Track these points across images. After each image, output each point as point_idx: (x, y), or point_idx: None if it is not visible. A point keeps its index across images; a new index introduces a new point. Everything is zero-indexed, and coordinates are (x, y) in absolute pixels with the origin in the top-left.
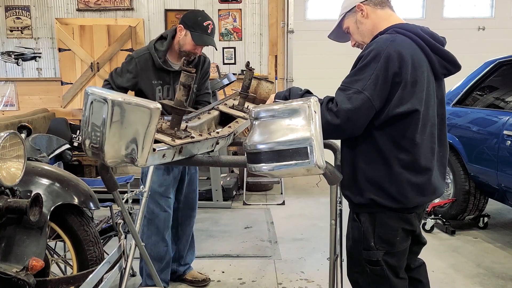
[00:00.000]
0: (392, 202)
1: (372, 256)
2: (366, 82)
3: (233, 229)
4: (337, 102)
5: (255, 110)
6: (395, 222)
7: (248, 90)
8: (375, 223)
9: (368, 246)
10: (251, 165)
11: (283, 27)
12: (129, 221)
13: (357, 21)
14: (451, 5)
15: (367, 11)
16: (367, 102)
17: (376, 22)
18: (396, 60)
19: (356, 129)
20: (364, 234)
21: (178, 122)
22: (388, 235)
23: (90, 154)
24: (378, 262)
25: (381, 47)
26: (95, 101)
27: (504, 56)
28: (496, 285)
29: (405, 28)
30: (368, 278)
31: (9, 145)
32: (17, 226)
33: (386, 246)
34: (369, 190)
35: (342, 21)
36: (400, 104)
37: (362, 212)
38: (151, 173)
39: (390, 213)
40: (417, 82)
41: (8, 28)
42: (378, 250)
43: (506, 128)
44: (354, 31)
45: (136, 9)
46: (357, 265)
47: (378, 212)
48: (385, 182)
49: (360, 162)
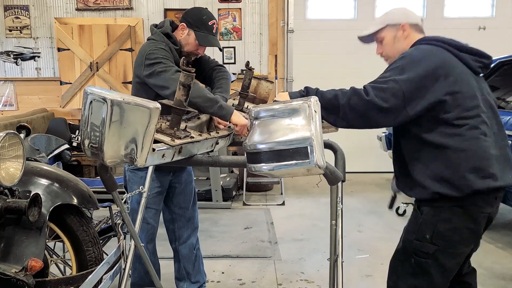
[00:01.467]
0: (457, 191)
1: (423, 247)
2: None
3: (232, 230)
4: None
5: (255, 110)
6: (461, 221)
7: (248, 89)
8: (438, 217)
9: (421, 238)
10: (251, 165)
11: (283, 27)
12: (128, 222)
13: (396, 37)
14: (452, 4)
15: (408, 32)
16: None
17: (411, 44)
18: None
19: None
20: (420, 224)
21: (178, 122)
22: (449, 232)
23: (89, 154)
24: (427, 254)
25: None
26: (94, 101)
27: (504, 55)
28: (497, 285)
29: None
30: (408, 269)
31: (8, 145)
32: (16, 226)
33: (444, 243)
34: (431, 184)
35: (381, 30)
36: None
37: (425, 206)
38: (150, 173)
39: (456, 210)
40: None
41: (7, 28)
42: (433, 244)
43: (506, 128)
44: (388, 44)
45: (135, 9)
46: (403, 253)
47: (445, 207)
48: (445, 171)
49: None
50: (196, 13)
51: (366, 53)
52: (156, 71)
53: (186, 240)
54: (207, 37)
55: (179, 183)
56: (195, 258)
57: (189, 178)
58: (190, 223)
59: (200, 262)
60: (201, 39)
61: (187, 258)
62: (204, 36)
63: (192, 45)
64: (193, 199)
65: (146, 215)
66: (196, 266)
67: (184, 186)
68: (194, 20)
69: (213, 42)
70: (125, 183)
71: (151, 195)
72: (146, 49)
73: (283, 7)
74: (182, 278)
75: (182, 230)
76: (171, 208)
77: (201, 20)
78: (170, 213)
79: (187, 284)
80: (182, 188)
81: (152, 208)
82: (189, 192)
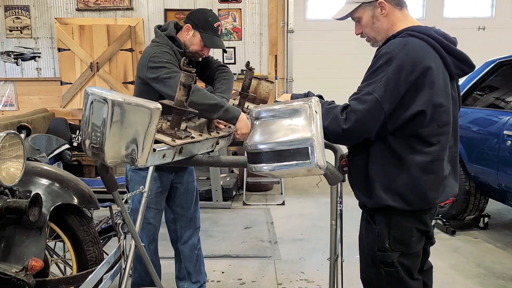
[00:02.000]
0: (410, 205)
1: (387, 257)
2: (377, 84)
3: (233, 229)
4: (350, 106)
5: (256, 110)
6: (410, 223)
7: (248, 90)
8: (390, 225)
9: (383, 248)
10: (252, 165)
11: (283, 27)
12: (128, 222)
13: (374, 16)
14: (451, 5)
15: (388, 10)
16: (376, 104)
17: (393, 23)
18: (408, 64)
19: (365, 132)
20: (378, 235)
21: (178, 122)
22: (403, 236)
23: (90, 154)
24: (393, 263)
25: (394, 51)
26: (95, 101)
27: (504, 56)
28: (497, 285)
29: (418, 31)
30: (383, 280)
31: (9, 145)
32: (16, 226)
33: (402, 248)
34: (386, 197)
35: (356, 10)
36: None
37: (376, 214)
38: (150, 173)
39: (405, 215)
40: (433, 83)
41: (8, 28)
42: (394, 251)
43: (506, 128)
44: (367, 24)
45: (135, 9)
46: (372, 266)
47: (394, 214)
48: (403, 188)
49: (375, 168)
50: (202, 15)
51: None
52: (161, 77)
53: (188, 240)
54: (212, 39)
55: (181, 183)
56: (196, 258)
57: (190, 178)
58: (192, 223)
59: (201, 262)
60: (206, 40)
61: (189, 258)
62: (209, 38)
63: (197, 46)
64: (195, 199)
65: (148, 215)
66: (197, 266)
67: (186, 186)
68: (200, 22)
69: (219, 43)
70: (127, 183)
71: (152, 195)
72: (150, 52)
73: (283, 7)
74: (183, 278)
75: (184, 230)
76: (173, 208)
77: (207, 21)
78: (172, 213)
79: (188, 284)
80: (184, 188)
81: (154, 208)
82: (191, 192)
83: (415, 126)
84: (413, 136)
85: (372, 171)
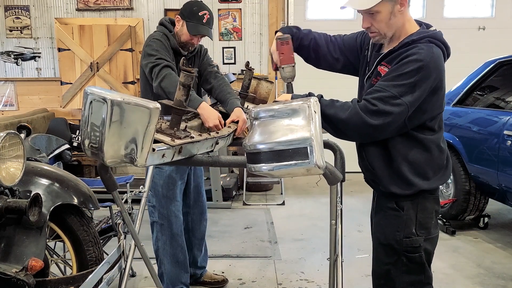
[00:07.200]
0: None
1: (414, 243)
2: (404, 89)
3: (233, 229)
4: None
5: (255, 110)
6: (432, 205)
7: (248, 90)
8: (417, 209)
9: (409, 234)
10: (251, 165)
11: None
12: (128, 222)
13: (393, 12)
14: (452, 4)
15: (405, 8)
16: (405, 109)
17: (405, 21)
18: (435, 74)
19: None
20: (405, 222)
21: (178, 122)
22: (426, 219)
23: (90, 154)
24: (419, 248)
25: (425, 59)
26: (95, 101)
27: (504, 56)
28: (497, 285)
29: (437, 38)
30: (403, 268)
31: (9, 145)
32: (16, 226)
33: (425, 232)
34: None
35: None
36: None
37: (405, 201)
38: (150, 173)
39: (428, 197)
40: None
41: (8, 28)
42: (419, 236)
43: (506, 128)
44: (383, 19)
45: (135, 9)
46: (391, 256)
47: (420, 198)
48: (429, 168)
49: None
50: (189, 5)
51: None
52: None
53: (198, 231)
54: (197, 27)
55: (195, 177)
56: (204, 248)
57: (200, 173)
58: (202, 216)
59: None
60: (190, 28)
61: (198, 247)
62: (194, 26)
63: (185, 35)
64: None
65: (174, 208)
66: (203, 254)
67: (197, 180)
68: (187, 12)
69: (202, 31)
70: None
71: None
72: (147, 41)
73: (283, 7)
74: (190, 264)
75: (195, 222)
76: (186, 201)
77: (191, 11)
78: (185, 206)
79: (193, 269)
80: (196, 182)
81: (178, 201)
82: (201, 186)
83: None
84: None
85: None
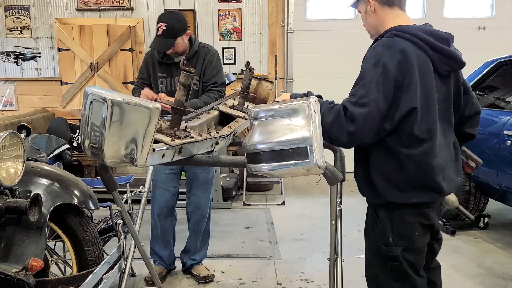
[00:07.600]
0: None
1: (390, 251)
2: (369, 86)
3: (233, 229)
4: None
5: (254, 110)
6: (413, 218)
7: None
8: (392, 220)
9: (387, 242)
10: (251, 165)
11: (283, 27)
12: (128, 222)
13: (366, 12)
14: (451, 4)
15: (374, 7)
16: (374, 105)
17: (383, 20)
18: (394, 66)
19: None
20: (382, 229)
21: (178, 122)
22: (406, 231)
23: (90, 154)
24: (397, 257)
25: (379, 54)
26: (95, 101)
27: (504, 56)
28: (497, 285)
29: (402, 30)
30: (389, 274)
31: (9, 145)
32: (16, 226)
33: (405, 243)
34: (387, 193)
35: (358, 3)
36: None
37: (380, 209)
38: (150, 173)
39: (407, 209)
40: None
41: (8, 28)
42: (397, 246)
43: (506, 128)
44: (363, 18)
45: (135, 9)
46: (378, 261)
47: (396, 209)
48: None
49: (375, 166)
50: None
51: None
52: None
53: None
54: (154, 41)
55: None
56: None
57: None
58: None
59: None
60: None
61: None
62: (153, 41)
63: None
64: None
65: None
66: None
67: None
68: None
69: (154, 44)
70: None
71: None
72: None
73: (283, 7)
74: (184, 252)
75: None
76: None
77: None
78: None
79: (186, 258)
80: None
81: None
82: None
83: (409, 125)
84: (406, 135)
85: (373, 170)
